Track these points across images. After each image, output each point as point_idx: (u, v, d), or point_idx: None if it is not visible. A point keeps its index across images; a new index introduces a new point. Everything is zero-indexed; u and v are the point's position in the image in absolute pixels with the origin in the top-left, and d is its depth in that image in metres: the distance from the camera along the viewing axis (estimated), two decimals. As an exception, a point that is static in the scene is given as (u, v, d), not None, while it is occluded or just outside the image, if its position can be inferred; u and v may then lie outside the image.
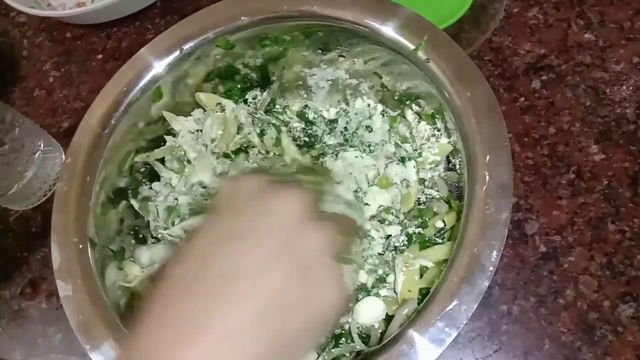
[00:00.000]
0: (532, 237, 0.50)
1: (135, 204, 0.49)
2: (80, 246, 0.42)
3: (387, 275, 0.45)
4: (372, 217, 0.46)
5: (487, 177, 0.38)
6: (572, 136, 0.53)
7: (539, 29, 0.58)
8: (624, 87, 0.54)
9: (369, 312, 0.43)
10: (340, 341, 0.43)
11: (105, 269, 0.44)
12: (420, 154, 0.48)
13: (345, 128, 0.51)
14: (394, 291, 0.43)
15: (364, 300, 0.44)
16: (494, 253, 0.36)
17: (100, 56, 0.69)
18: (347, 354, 0.42)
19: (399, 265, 0.44)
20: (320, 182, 0.40)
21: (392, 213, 0.46)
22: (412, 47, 0.43)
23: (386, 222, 0.46)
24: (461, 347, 0.48)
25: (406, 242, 0.45)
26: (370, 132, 0.50)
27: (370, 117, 0.51)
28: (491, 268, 0.35)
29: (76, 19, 0.68)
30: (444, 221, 0.45)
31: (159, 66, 0.47)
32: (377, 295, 0.44)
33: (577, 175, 0.52)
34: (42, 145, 0.57)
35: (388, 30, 0.43)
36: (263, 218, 0.29)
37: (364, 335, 0.43)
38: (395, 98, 0.50)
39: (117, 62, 0.67)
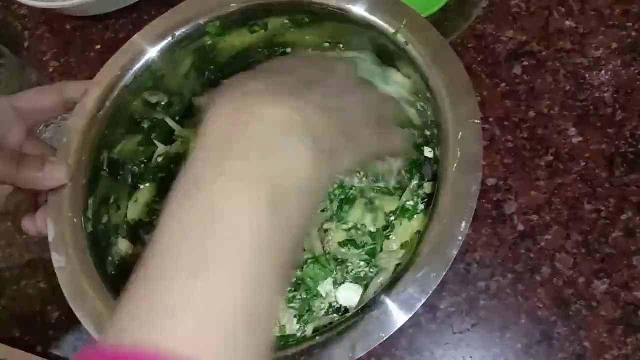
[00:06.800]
0: (511, 216, 0.52)
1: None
2: (75, 220, 0.44)
3: None
4: None
5: (459, 153, 0.39)
6: (551, 120, 0.54)
7: (521, 16, 0.59)
8: (603, 72, 0.55)
9: (347, 297, 0.45)
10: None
11: (98, 242, 0.46)
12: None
13: None
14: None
15: (344, 286, 0.46)
16: (463, 224, 0.37)
17: (98, 47, 0.71)
18: (326, 325, 0.44)
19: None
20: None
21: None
22: (392, 30, 0.44)
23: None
24: (440, 322, 0.49)
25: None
26: None
27: None
28: (460, 237, 0.37)
29: (75, 11, 0.70)
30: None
31: (152, 52, 0.49)
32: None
33: (555, 158, 0.53)
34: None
35: (366, 14, 0.44)
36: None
37: (343, 308, 0.45)
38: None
39: (115, 52, 0.69)
